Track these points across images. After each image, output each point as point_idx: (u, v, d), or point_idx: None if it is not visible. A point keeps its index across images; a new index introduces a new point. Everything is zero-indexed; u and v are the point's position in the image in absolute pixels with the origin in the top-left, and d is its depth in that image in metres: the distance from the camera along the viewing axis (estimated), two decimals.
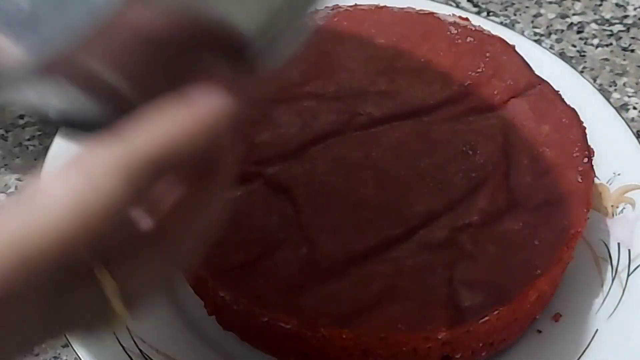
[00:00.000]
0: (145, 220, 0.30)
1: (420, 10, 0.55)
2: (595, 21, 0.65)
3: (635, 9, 0.66)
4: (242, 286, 0.43)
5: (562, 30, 0.64)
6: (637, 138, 0.53)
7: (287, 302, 0.42)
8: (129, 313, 0.31)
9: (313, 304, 0.42)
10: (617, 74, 0.62)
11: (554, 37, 0.64)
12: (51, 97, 0.30)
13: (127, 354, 0.45)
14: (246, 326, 0.44)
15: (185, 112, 0.28)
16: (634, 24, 0.65)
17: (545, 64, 0.55)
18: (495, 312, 0.43)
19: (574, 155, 0.48)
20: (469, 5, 0.65)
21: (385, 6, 0.54)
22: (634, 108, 0.60)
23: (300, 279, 0.43)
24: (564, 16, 0.65)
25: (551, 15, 0.65)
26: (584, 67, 0.62)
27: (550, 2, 0.66)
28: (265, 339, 0.45)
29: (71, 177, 0.28)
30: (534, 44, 0.58)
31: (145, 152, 0.28)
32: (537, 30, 0.64)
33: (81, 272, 0.29)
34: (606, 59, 0.63)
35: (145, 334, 0.46)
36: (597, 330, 0.47)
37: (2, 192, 0.54)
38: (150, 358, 0.45)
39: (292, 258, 0.44)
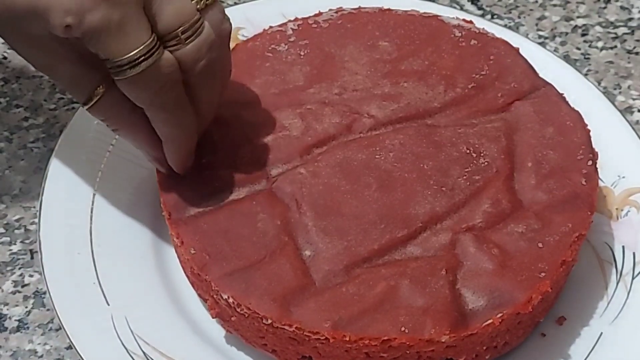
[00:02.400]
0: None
1: (424, 12, 0.55)
2: (599, 24, 0.65)
3: (639, 11, 0.66)
4: (245, 289, 0.43)
5: (567, 33, 0.64)
6: None
7: (290, 304, 0.42)
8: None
9: (316, 307, 0.42)
10: (621, 77, 0.62)
11: (558, 39, 0.64)
12: None
13: (131, 356, 0.45)
14: (249, 329, 0.44)
15: None
16: (638, 27, 0.65)
17: (549, 66, 0.55)
18: (499, 316, 0.42)
19: (578, 158, 0.48)
20: (473, 8, 0.65)
21: (389, 9, 0.54)
22: (639, 111, 0.60)
23: (304, 282, 0.43)
24: (568, 19, 0.65)
25: (555, 18, 0.65)
26: (589, 70, 0.62)
27: (555, 5, 0.66)
28: (268, 342, 0.44)
29: None
30: (539, 46, 0.59)
31: None
32: (541, 33, 0.64)
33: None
34: (610, 62, 0.62)
35: (149, 336, 0.46)
36: (601, 333, 0.47)
37: (7, 194, 0.54)
38: None
39: (295, 260, 0.44)
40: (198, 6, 0.42)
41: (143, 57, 0.40)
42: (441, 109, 0.50)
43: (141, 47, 0.40)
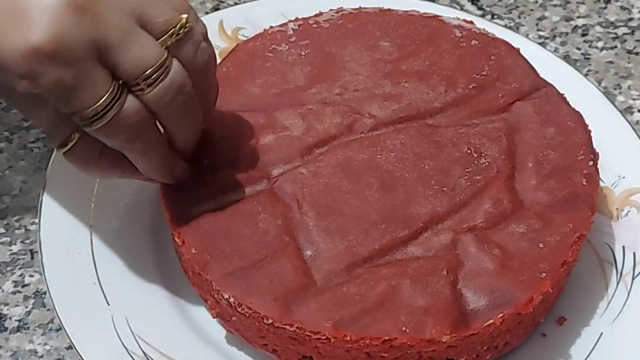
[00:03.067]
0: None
1: (425, 13, 0.55)
2: (599, 24, 0.65)
3: (639, 11, 0.66)
4: (246, 289, 0.43)
5: (567, 33, 0.64)
6: None
7: (291, 304, 0.42)
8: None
9: (317, 307, 0.42)
10: (621, 77, 0.62)
11: (558, 40, 0.64)
12: None
13: (131, 356, 0.45)
14: (250, 329, 0.44)
15: None
16: (638, 27, 0.65)
17: (549, 66, 0.55)
18: (500, 316, 0.43)
19: (579, 158, 0.48)
20: (473, 8, 0.65)
21: (389, 9, 0.54)
22: (639, 111, 0.60)
23: (305, 281, 0.43)
24: (568, 19, 0.65)
25: (556, 18, 0.65)
26: (589, 70, 0.62)
27: (555, 5, 0.66)
28: (269, 342, 0.44)
29: None
30: (539, 46, 0.59)
31: None
32: (541, 33, 0.64)
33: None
34: (611, 62, 0.62)
35: (149, 336, 0.46)
36: (601, 333, 0.47)
37: (7, 194, 0.54)
38: None
39: (296, 260, 0.44)
40: (169, 42, 0.40)
41: (104, 110, 0.39)
42: (442, 109, 0.50)
43: (101, 101, 0.39)
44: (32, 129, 0.57)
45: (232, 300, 0.43)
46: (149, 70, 0.39)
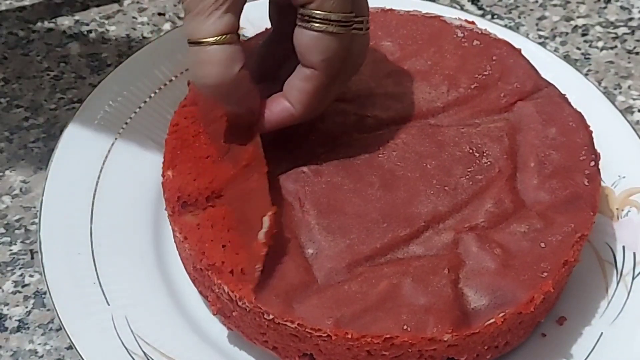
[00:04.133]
0: None
1: (427, 13, 0.55)
2: (599, 24, 0.65)
3: (639, 11, 0.66)
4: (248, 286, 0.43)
5: (567, 33, 0.64)
6: None
7: (292, 301, 0.42)
8: None
9: (318, 304, 0.42)
10: (621, 77, 0.62)
11: (558, 39, 0.64)
12: None
13: (131, 356, 0.45)
14: (251, 325, 0.44)
15: None
16: (638, 27, 0.65)
17: (549, 66, 0.55)
18: (501, 315, 0.43)
19: (581, 158, 0.48)
20: (473, 8, 0.65)
21: (391, 9, 0.54)
22: (639, 111, 0.60)
23: (306, 279, 0.43)
24: (568, 19, 0.65)
25: (556, 18, 0.65)
26: (589, 70, 0.62)
27: (555, 5, 0.66)
28: (269, 339, 0.44)
29: None
30: (539, 46, 0.59)
31: None
32: (541, 33, 0.64)
33: None
34: (611, 62, 0.63)
35: (149, 336, 0.46)
36: (601, 333, 0.47)
37: (7, 194, 0.54)
38: None
39: (298, 258, 0.44)
40: None
41: (345, 24, 0.42)
42: (444, 108, 0.50)
43: (350, 14, 0.42)
44: (32, 128, 0.57)
45: (233, 296, 0.43)
46: (366, 17, 0.44)
